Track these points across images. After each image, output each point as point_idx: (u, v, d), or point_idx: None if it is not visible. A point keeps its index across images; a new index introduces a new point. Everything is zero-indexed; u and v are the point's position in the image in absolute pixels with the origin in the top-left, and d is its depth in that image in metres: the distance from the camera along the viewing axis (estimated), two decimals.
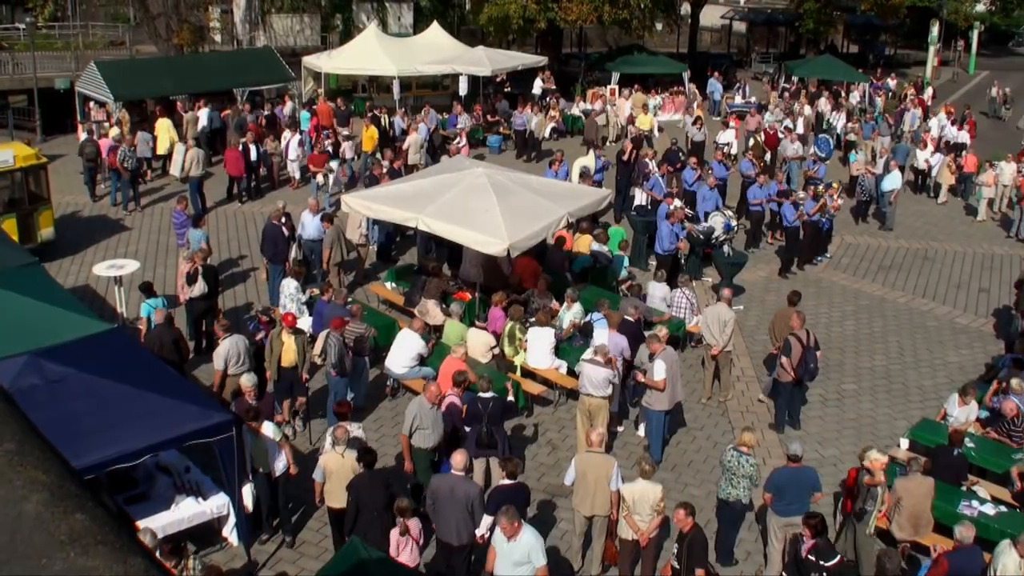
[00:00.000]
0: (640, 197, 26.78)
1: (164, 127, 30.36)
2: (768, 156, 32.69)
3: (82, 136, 29.59)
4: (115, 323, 17.17)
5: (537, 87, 41.92)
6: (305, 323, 18.58)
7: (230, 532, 13.35)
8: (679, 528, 11.91)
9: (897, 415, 18.33)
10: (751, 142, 33.30)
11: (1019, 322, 20.66)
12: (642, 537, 12.57)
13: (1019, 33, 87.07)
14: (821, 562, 11.11)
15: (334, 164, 28.15)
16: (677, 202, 24.47)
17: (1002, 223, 30.43)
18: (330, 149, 29.02)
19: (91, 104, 32.67)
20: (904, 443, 16.18)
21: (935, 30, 57.68)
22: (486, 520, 12.03)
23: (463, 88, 38.17)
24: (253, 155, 28.57)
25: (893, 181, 29.06)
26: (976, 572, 12.01)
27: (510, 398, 15.28)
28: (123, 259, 20.81)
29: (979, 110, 45.26)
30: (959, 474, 14.56)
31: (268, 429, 13.45)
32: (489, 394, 14.41)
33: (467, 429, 14.51)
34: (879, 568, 11.27)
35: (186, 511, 13.03)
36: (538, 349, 17.66)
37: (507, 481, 12.29)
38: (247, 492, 13.19)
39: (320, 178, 27.41)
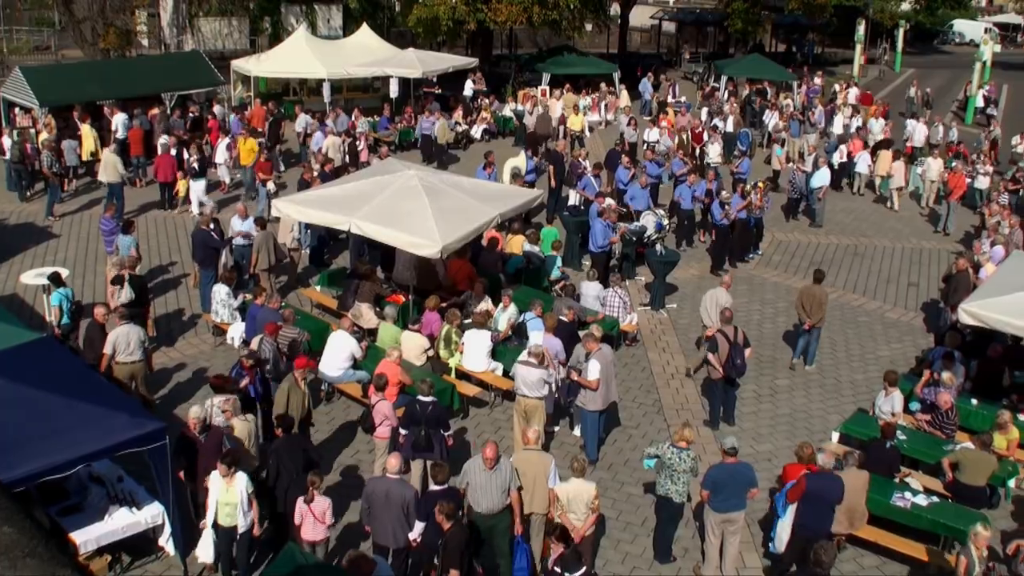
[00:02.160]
0: (573, 197, 26.86)
1: (87, 132, 29.99)
2: (698, 154, 33.13)
3: (5, 141, 28.99)
4: (44, 332, 16.90)
5: (468, 88, 41.89)
6: (238, 328, 18.48)
7: (166, 541, 13.18)
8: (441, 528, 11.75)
9: (830, 409, 18.56)
10: (676, 140, 33.57)
11: (948, 315, 20.97)
12: (577, 535, 12.58)
13: (944, 31, 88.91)
14: (566, 573, 11.13)
15: (200, 184, 27.33)
16: (609, 200, 24.60)
17: (930, 218, 30.88)
18: (196, 166, 27.54)
19: (16, 110, 32.14)
20: (835, 436, 16.41)
21: (861, 29, 58.49)
22: (418, 526, 12.11)
23: (394, 90, 38.02)
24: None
25: (821, 178, 29.35)
26: (834, 495, 12.82)
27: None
28: (52, 267, 20.51)
29: (899, 110, 45.83)
30: (892, 466, 14.79)
31: (240, 481, 12.53)
32: (429, 398, 14.40)
33: (403, 432, 14.48)
34: (816, 560, 11.37)
35: (120, 521, 12.84)
36: (475, 351, 17.69)
37: (436, 487, 12.27)
38: (207, 544, 12.87)
39: (271, 185, 27.06)
